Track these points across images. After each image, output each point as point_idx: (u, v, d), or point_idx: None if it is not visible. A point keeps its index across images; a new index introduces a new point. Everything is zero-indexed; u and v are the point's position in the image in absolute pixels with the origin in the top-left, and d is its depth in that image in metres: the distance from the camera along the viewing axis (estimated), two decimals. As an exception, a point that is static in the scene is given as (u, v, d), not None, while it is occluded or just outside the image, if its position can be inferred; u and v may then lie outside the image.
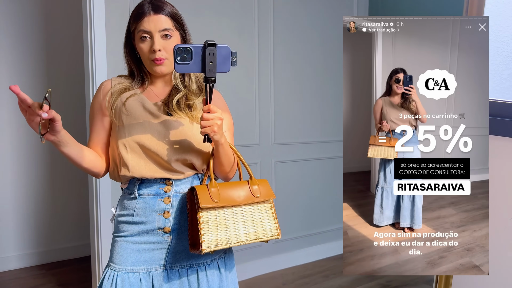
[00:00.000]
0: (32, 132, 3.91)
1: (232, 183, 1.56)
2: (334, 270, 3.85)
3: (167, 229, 1.54)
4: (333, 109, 4.17)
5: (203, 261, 1.59)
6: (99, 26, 2.91)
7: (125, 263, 1.55)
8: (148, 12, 1.54)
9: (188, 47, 1.37)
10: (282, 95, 3.84)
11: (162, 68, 1.55)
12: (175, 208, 1.56)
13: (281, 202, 3.83)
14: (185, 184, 1.57)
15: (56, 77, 4.07)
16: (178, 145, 1.54)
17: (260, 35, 3.66)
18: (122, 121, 1.55)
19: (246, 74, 3.62)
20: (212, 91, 1.42)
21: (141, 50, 1.55)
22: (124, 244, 1.57)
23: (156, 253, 1.56)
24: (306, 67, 3.98)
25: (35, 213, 4.02)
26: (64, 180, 4.11)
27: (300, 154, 3.99)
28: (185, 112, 1.56)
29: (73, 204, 4.18)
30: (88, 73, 2.95)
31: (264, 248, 3.78)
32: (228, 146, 1.55)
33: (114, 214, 1.63)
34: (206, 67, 1.36)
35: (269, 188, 1.60)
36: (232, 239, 1.49)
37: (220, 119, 1.43)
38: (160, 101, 1.60)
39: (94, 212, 3.01)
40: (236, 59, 1.39)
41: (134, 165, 1.53)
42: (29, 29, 3.93)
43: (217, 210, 1.49)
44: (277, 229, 1.58)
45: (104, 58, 2.93)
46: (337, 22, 4.15)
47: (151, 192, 1.56)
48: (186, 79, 1.62)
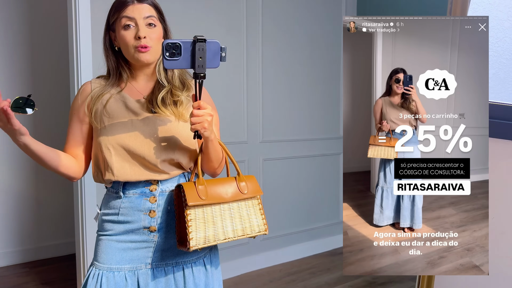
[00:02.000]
0: None
1: (219, 180, 1.55)
2: (321, 267, 3.86)
3: (153, 228, 1.53)
4: (322, 106, 4.18)
5: (189, 259, 1.58)
6: (84, 26, 2.87)
7: (110, 261, 1.53)
8: (131, 1, 1.53)
9: (177, 42, 1.34)
10: (270, 93, 3.83)
11: (147, 56, 1.52)
12: (161, 207, 1.54)
13: (268, 199, 3.83)
14: (171, 183, 1.56)
15: (41, 76, 4.02)
16: (164, 144, 1.52)
17: (249, 31, 3.64)
18: (104, 124, 1.53)
19: (234, 71, 3.59)
20: (202, 87, 1.41)
21: (124, 39, 1.51)
22: (109, 242, 1.55)
23: (141, 251, 1.54)
24: (294, 64, 3.97)
25: (19, 210, 3.97)
26: (48, 178, 4.07)
27: (288, 152, 3.98)
28: (170, 109, 1.54)
29: (57, 202, 4.13)
30: (73, 73, 2.90)
31: (251, 245, 3.77)
32: (218, 142, 1.54)
33: (99, 213, 1.61)
34: (195, 62, 1.34)
35: (257, 185, 1.59)
36: (220, 236, 1.49)
37: (210, 115, 1.42)
38: (143, 97, 1.57)
39: (79, 210, 2.97)
40: (226, 54, 1.38)
41: (119, 168, 1.51)
42: (14, 29, 3.86)
43: (204, 208, 1.48)
44: (265, 224, 1.58)
45: (89, 57, 2.89)
46: (326, 19, 4.16)
47: (137, 191, 1.54)
48: (170, 74, 1.59)
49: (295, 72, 3.98)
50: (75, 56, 2.87)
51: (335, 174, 4.33)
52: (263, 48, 3.74)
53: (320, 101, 4.17)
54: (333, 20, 4.20)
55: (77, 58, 2.86)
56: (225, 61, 1.38)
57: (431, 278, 2.02)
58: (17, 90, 3.87)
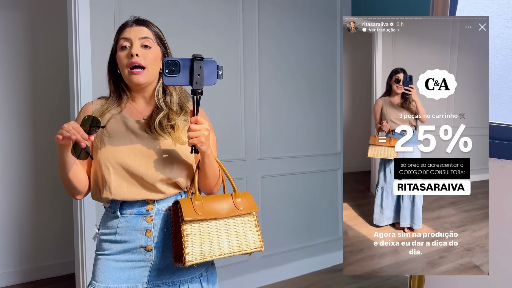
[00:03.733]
0: (17, 149, 3.89)
1: (215, 196, 1.57)
2: (321, 284, 3.83)
3: (149, 247, 1.55)
4: (319, 123, 4.17)
5: (185, 278, 1.60)
6: (84, 43, 2.89)
7: (107, 281, 1.55)
8: (130, 24, 1.59)
9: (176, 60, 1.40)
10: (268, 109, 3.83)
11: (139, 78, 1.55)
12: (157, 226, 1.56)
13: (267, 216, 3.82)
14: (167, 202, 1.58)
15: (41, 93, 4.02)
16: (162, 164, 1.54)
17: (245, 50, 3.66)
18: (104, 143, 1.55)
19: (232, 89, 3.61)
20: (199, 103, 1.45)
21: (120, 59, 1.56)
22: (107, 262, 1.57)
23: (138, 271, 1.56)
24: (291, 82, 3.98)
25: (18, 230, 3.97)
26: (48, 197, 4.06)
27: (287, 168, 3.98)
28: (167, 132, 1.57)
29: (57, 222, 4.12)
30: (73, 91, 2.92)
31: (250, 263, 3.75)
32: (214, 158, 1.56)
33: (97, 232, 1.63)
34: (193, 79, 1.41)
35: (252, 201, 1.61)
36: (215, 252, 1.49)
37: (207, 130, 1.45)
38: (142, 118, 1.60)
39: (78, 229, 2.98)
40: (223, 72, 1.45)
41: (116, 187, 1.53)
42: (14, 47, 3.88)
43: (201, 223, 1.50)
44: (260, 241, 1.59)
45: (89, 73, 2.90)
46: (324, 29, 4.15)
47: (133, 211, 1.56)
48: (168, 98, 1.63)
49: (292, 90, 3.98)
50: (75, 74, 2.88)
51: (334, 190, 4.31)
52: (260, 65, 3.75)
53: (319, 118, 4.16)
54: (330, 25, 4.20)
55: (77, 77, 2.87)
56: (222, 79, 1.45)
57: (422, 278, 2.01)
58: (16, 105, 3.89)
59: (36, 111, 3.99)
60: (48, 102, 4.05)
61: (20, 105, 3.94)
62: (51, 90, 4.06)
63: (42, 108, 4.02)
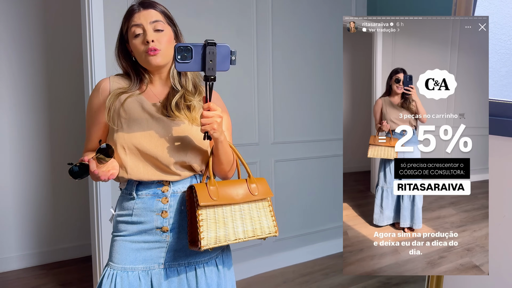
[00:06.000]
0: (34, 134, 3.94)
1: (230, 182, 1.58)
2: (334, 268, 3.85)
3: (165, 228, 1.55)
4: (332, 107, 4.18)
5: (201, 259, 1.60)
6: (97, 25, 2.91)
7: (124, 262, 1.56)
8: (137, 9, 1.57)
9: (189, 45, 1.38)
10: (281, 94, 3.84)
11: (157, 59, 1.55)
12: (173, 207, 1.56)
13: (280, 200, 3.83)
14: (182, 184, 1.58)
15: (55, 75, 4.07)
16: (177, 147, 1.54)
17: (259, 35, 3.66)
18: (121, 124, 1.55)
19: (245, 74, 3.62)
20: (212, 89, 1.43)
21: (135, 47, 1.56)
22: (123, 243, 1.58)
23: (154, 252, 1.57)
24: (304, 67, 3.98)
25: (36, 213, 4.03)
26: (65, 181, 4.13)
27: (300, 153, 3.99)
28: (184, 113, 1.57)
29: (73, 205, 4.19)
30: (87, 71, 2.95)
31: (264, 246, 3.78)
32: (228, 144, 1.56)
33: (113, 214, 1.65)
34: (206, 65, 1.38)
35: (267, 186, 1.62)
36: (230, 236, 1.50)
37: (219, 117, 1.45)
38: (159, 101, 1.61)
39: (94, 212, 3.02)
40: (236, 58, 1.41)
41: (132, 167, 1.54)
42: (28, 30, 3.93)
43: (216, 208, 1.50)
44: (275, 226, 1.59)
45: (103, 55, 2.93)
46: (336, 22, 4.15)
47: (149, 192, 1.57)
48: (183, 79, 1.63)
49: (304, 74, 3.99)
50: (89, 55, 2.92)
51: (348, 174, 4.32)
52: (273, 52, 3.76)
53: (331, 101, 4.16)
54: (341, 21, 4.19)
55: (91, 58, 2.91)
56: (235, 65, 1.41)
57: (440, 278, 2.01)
58: (32, 88, 3.94)
59: (51, 95, 4.05)
60: (62, 85, 4.11)
61: (35, 88, 4.00)
62: (66, 70, 4.12)
63: (56, 92, 4.08)
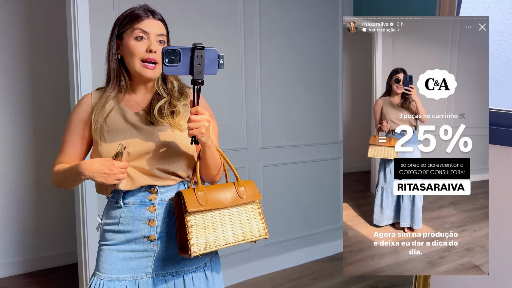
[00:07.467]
0: (18, 140, 3.87)
1: (218, 186, 1.57)
2: (322, 272, 3.85)
3: (153, 237, 1.54)
4: (321, 111, 4.18)
5: (189, 268, 1.59)
6: (83, 31, 2.88)
7: (111, 271, 1.54)
8: (146, 15, 1.56)
9: (177, 49, 1.37)
10: (269, 99, 3.84)
11: (152, 73, 1.56)
12: (160, 216, 1.55)
13: (269, 205, 3.82)
14: (170, 192, 1.57)
15: (40, 81, 4.02)
16: (162, 157, 1.54)
17: (246, 39, 3.66)
18: (104, 138, 1.55)
19: (233, 78, 3.61)
20: (200, 93, 1.43)
21: (133, 48, 1.54)
22: (110, 252, 1.56)
23: (142, 261, 1.55)
24: (293, 70, 3.98)
25: (20, 220, 3.97)
26: (50, 187, 4.06)
27: (288, 157, 3.99)
28: (167, 119, 1.56)
29: (58, 211, 4.12)
30: (73, 75, 2.91)
31: (252, 251, 3.76)
32: (215, 148, 1.56)
33: (100, 223, 1.63)
34: (194, 69, 1.37)
35: (255, 189, 1.61)
36: (220, 241, 1.50)
37: (207, 121, 1.44)
38: (141, 109, 1.60)
39: (80, 219, 2.97)
40: (224, 62, 1.40)
41: None
42: (13, 34, 3.87)
43: (204, 213, 1.49)
44: (265, 229, 1.59)
45: (89, 60, 2.90)
46: (324, 22, 4.17)
47: (136, 200, 1.55)
48: (169, 85, 1.62)
49: (293, 78, 3.99)
50: (75, 60, 2.88)
51: (335, 179, 4.33)
52: (261, 56, 3.76)
53: (319, 105, 4.17)
54: (331, 23, 4.21)
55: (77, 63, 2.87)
56: (223, 68, 1.41)
57: (427, 278, 2.01)
58: (16, 94, 3.88)
59: (35, 100, 3.99)
60: (47, 90, 4.05)
61: (19, 95, 3.94)
62: (51, 78, 4.06)
63: (41, 97, 4.02)
